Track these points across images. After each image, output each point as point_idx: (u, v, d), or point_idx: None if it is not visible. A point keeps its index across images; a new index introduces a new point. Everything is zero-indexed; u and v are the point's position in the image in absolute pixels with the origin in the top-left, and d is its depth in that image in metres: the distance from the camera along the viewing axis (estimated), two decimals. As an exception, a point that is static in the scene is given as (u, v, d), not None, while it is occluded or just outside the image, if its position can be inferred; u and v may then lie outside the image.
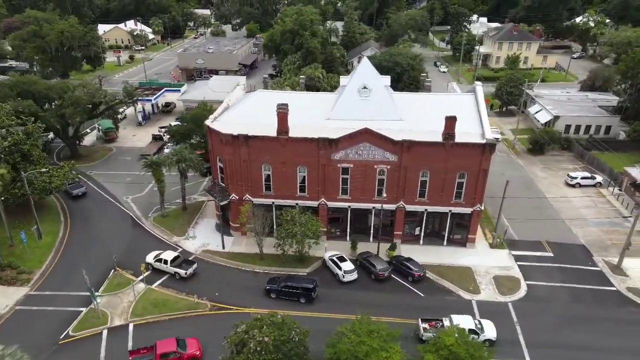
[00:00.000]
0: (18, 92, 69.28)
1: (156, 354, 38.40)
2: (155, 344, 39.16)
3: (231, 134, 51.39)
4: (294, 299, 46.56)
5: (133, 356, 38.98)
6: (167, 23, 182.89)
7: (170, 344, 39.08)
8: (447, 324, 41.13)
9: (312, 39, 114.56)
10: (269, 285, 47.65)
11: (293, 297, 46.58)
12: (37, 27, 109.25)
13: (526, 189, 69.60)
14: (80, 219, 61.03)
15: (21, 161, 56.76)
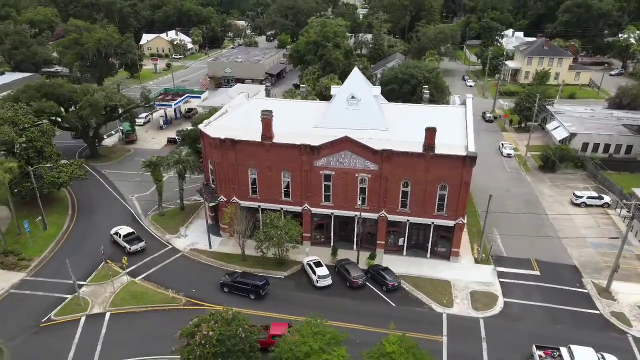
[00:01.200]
0: (44, 94, 74.80)
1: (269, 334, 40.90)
2: (270, 325, 42.29)
3: (219, 138, 53.66)
4: (244, 294, 48.45)
5: None
6: (205, 33, 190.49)
7: (283, 328, 40.99)
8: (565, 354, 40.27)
9: (334, 50, 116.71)
10: (223, 279, 49.73)
11: (243, 293, 48.46)
12: (77, 35, 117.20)
13: (528, 206, 67.91)
14: (85, 214, 64.97)
15: (35, 157, 61.43)
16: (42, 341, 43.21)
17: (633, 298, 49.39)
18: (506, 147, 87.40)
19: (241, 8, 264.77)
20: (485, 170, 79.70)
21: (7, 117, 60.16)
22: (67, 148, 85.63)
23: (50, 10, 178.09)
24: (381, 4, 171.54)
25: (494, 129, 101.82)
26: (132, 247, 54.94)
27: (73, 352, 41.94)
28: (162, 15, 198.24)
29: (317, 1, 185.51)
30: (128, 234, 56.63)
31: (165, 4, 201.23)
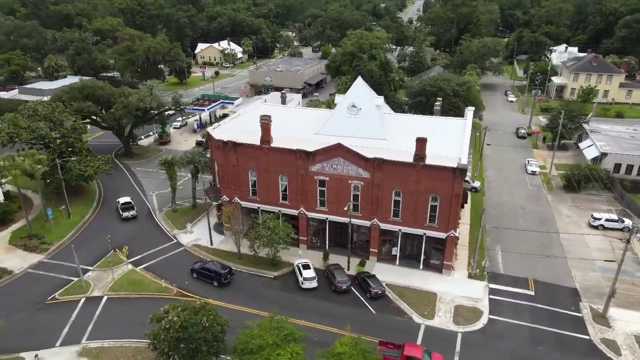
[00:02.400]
0: (86, 95, 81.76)
1: (402, 355, 40.36)
2: (404, 345, 41.23)
3: (222, 140, 56.62)
4: (208, 281, 52.17)
5: (381, 347, 41.29)
6: (256, 43, 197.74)
7: (418, 351, 40.84)
8: None
9: (369, 61, 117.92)
10: (193, 266, 53.59)
11: (207, 279, 52.23)
12: (130, 43, 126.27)
13: (540, 225, 65.57)
14: (107, 206, 70.09)
15: (66, 151, 67.37)
16: (42, 317, 47.48)
17: (631, 327, 46.66)
18: (532, 165, 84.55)
19: (297, 20, 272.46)
20: (504, 187, 78.03)
21: (44, 114, 66.51)
22: (108, 146, 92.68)
23: (116, 20, 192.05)
24: (428, 17, 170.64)
25: (526, 145, 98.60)
26: (124, 214, 65.00)
27: (67, 329, 45.78)
28: (217, 26, 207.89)
29: (364, 14, 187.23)
30: (125, 203, 66.44)
31: (221, 16, 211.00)
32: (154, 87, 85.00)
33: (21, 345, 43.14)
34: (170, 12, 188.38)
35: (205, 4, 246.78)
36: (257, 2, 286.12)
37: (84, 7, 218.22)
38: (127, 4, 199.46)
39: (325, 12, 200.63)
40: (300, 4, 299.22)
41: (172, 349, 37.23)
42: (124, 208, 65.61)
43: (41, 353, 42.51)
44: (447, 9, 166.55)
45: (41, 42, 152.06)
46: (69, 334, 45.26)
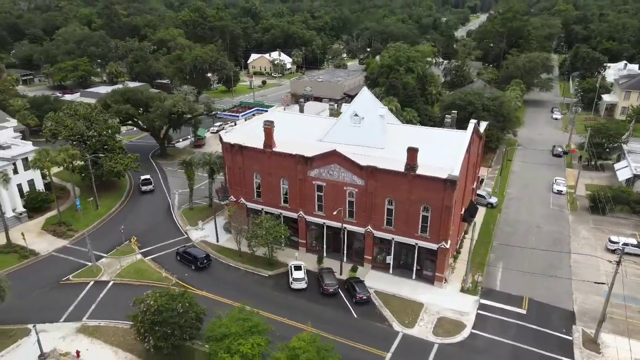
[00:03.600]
0: (127, 98, 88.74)
1: None
2: None
3: (229, 143, 59.96)
4: (188, 264, 57.74)
5: None
6: (306, 55, 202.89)
7: None
8: None
9: (406, 74, 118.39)
10: (177, 250, 59.78)
11: (187, 263, 57.85)
12: (180, 52, 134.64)
13: (552, 245, 63.27)
14: (133, 201, 75.64)
15: (100, 149, 73.68)
16: (54, 295, 52.56)
17: (623, 354, 44.29)
18: (559, 184, 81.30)
19: (351, 33, 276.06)
20: (524, 204, 75.89)
21: (83, 114, 73.23)
22: (148, 146, 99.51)
23: (177, 31, 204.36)
24: (477, 31, 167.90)
25: (560, 163, 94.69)
26: (143, 188, 77.01)
27: (72, 308, 50.41)
28: (270, 37, 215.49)
29: (410, 27, 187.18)
30: (144, 179, 78.64)
31: (274, 28, 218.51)
32: (188, 93, 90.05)
33: (30, 317, 48.01)
34: (226, 23, 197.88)
35: (263, 17, 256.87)
36: (315, 14, 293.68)
37: (152, 19, 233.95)
38: (190, 16, 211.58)
39: (372, 25, 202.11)
40: (357, 17, 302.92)
41: (148, 330, 40.34)
42: (143, 183, 78.11)
43: (45, 326, 47.14)
44: (497, 23, 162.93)
45: (106, 50, 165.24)
46: (73, 312, 49.80)
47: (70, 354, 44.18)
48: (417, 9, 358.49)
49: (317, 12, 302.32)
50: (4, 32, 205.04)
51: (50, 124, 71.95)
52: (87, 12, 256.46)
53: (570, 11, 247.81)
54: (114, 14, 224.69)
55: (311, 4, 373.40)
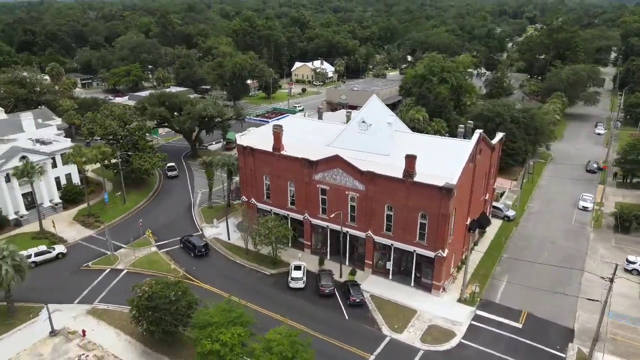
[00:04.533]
0: (162, 102, 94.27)
1: None
2: None
3: (242, 145, 62.81)
4: (188, 251, 62.39)
5: None
6: (348, 64, 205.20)
7: None
8: None
9: (439, 84, 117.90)
10: (181, 238, 64.63)
11: (188, 250, 62.53)
12: (221, 59, 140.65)
13: (564, 261, 61.26)
14: (160, 197, 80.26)
15: (132, 147, 78.88)
16: (74, 278, 57.07)
17: (616, 376, 42.68)
18: (585, 200, 78.26)
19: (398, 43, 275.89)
20: (544, 219, 73.95)
21: (117, 115, 78.79)
22: (183, 148, 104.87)
23: (226, 40, 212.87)
24: (522, 42, 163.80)
25: (592, 179, 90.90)
26: (169, 173, 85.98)
27: (86, 291, 54.58)
28: (315, 46, 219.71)
29: (452, 37, 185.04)
30: (170, 166, 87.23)
31: (319, 37, 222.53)
32: (217, 98, 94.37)
33: (48, 297, 52.36)
34: (271, 33, 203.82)
35: (311, 26, 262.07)
36: (363, 24, 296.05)
37: (204, 28, 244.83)
38: (240, 25, 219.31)
39: (414, 35, 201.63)
40: (405, 28, 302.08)
41: (142, 314, 43.36)
42: (168, 169, 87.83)
43: (61, 307, 51.47)
44: (542, 34, 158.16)
45: (156, 57, 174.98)
46: (87, 295, 53.94)
47: (77, 332, 47.97)
48: (470, 19, 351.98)
49: (366, 22, 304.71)
50: (69, 39, 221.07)
51: (87, 123, 77.89)
52: (146, 21, 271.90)
53: (630, 23, 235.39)
54: (169, 22, 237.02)
55: (362, 15, 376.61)
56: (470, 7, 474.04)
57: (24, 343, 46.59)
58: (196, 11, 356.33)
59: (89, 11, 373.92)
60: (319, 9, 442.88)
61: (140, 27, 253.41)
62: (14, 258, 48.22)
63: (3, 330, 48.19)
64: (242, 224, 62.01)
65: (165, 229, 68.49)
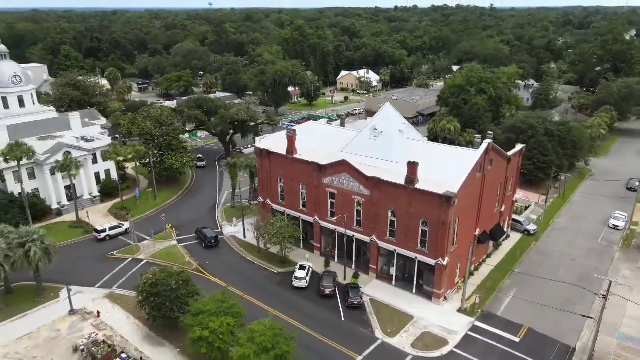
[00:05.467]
0: (199, 105, 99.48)
1: None
2: None
3: (259, 148, 65.61)
4: (200, 242, 66.81)
5: None
6: (394, 73, 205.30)
7: None
8: None
9: (477, 95, 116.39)
10: (196, 229, 69.14)
11: (199, 240, 67.18)
12: (264, 67, 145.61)
13: (580, 280, 59.01)
14: (189, 195, 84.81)
15: (166, 147, 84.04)
16: (98, 265, 61.86)
17: (611, 398, 41.05)
18: (617, 218, 74.63)
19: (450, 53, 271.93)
20: (568, 236, 71.61)
21: (153, 116, 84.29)
22: (218, 150, 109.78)
23: (276, 48, 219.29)
24: (574, 53, 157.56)
25: (631, 198, 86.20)
26: (197, 164, 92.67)
27: (107, 277, 59.07)
28: (361, 55, 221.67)
29: (500, 48, 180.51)
30: (198, 158, 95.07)
31: (366, 47, 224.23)
32: (250, 103, 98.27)
33: (73, 280, 57.25)
34: (319, 42, 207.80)
35: (362, 35, 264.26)
36: (415, 34, 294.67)
37: (256, 37, 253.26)
38: (291, 35, 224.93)
39: (461, 46, 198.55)
40: (458, 38, 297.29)
41: (145, 300, 46.71)
42: (198, 159, 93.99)
43: (83, 289, 56.19)
44: (595, 46, 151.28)
45: (206, 64, 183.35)
46: (107, 281, 58.39)
47: (93, 313, 52.17)
48: (530, 29, 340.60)
49: (418, 32, 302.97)
50: (130, 46, 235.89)
51: (126, 124, 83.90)
52: (203, 29, 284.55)
53: None
54: (224, 31, 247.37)
55: (417, 25, 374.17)
56: (533, 17, 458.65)
57: (45, 319, 51.28)
58: (253, 21, 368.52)
59: (154, 21, 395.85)
60: (374, 19, 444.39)
61: (197, 35, 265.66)
62: (43, 242, 53.25)
63: (29, 307, 53.28)
64: (256, 223, 64.53)
65: (188, 225, 72.44)
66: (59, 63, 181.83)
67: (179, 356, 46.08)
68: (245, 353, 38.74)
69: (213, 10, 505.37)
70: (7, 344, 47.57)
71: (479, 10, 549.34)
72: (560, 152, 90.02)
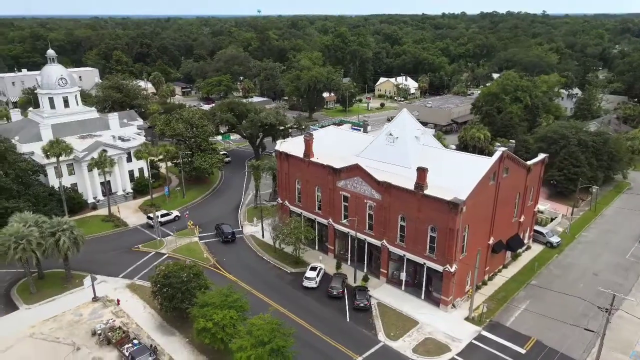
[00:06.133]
0: (230, 109, 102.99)
1: None
2: None
3: (279, 151, 67.56)
4: (218, 236, 70.31)
5: None
6: (432, 80, 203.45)
7: None
8: None
9: (512, 103, 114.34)
10: (216, 224, 72.20)
11: (218, 235, 70.46)
12: (299, 72, 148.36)
13: (599, 295, 56.76)
14: (216, 194, 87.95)
15: (196, 148, 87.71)
16: (123, 256, 65.59)
17: (614, 417, 39.72)
18: (651, 233, 71.42)
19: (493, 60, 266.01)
20: (593, 250, 69.29)
21: (186, 118, 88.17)
22: (249, 153, 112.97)
23: (316, 55, 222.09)
24: (622, 62, 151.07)
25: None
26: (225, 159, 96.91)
27: (130, 268, 62.53)
28: (401, 62, 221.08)
29: (541, 56, 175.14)
30: (224, 153, 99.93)
31: (405, 53, 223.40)
32: (280, 107, 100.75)
33: (99, 270, 61.08)
34: (358, 48, 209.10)
35: (404, 42, 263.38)
36: (459, 41, 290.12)
37: (297, 43, 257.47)
38: (333, 41, 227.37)
39: (500, 54, 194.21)
40: (504, 45, 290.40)
41: (158, 290, 49.40)
42: (224, 156, 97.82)
43: (107, 278, 59.87)
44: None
45: (245, 69, 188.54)
46: (130, 272, 61.83)
47: (114, 301, 55.50)
48: (583, 37, 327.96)
49: (461, 39, 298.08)
50: (177, 51, 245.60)
51: (160, 125, 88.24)
52: (248, 36, 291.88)
53: None
54: (266, 38, 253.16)
55: (463, 31, 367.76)
56: (587, 24, 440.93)
57: (70, 304, 55.05)
58: (298, 28, 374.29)
59: (203, 27, 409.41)
60: (419, 26, 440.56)
61: (242, 41, 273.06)
62: (72, 232, 57.19)
63: (57, 292, 57.31)
64: (274, 223, 66.38)
65: (211, 223, 75.30)
66: (110, 67, 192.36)
67: (187, 346, 48.31)
68: (242, 345, 40.37)
69: (261, 18, 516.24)
70: (34, 325, 51.47)
71: (530, 17, 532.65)
72: (595, 163, 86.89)
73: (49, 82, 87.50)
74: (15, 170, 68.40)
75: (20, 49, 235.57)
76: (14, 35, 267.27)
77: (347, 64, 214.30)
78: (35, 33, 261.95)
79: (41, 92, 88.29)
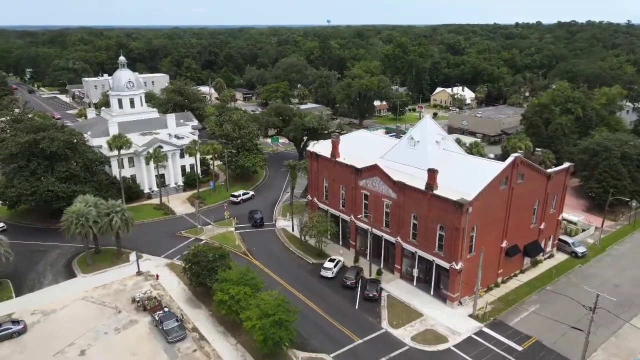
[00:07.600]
0: (278, 113, 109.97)
1: None
2: None
3: (310, 151, 72.86)
4: (248, 221, 78.62)
5: None
6: (491, 91, 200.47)
7: None
8: None
9: (561, 115, 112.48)
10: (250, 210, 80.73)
11: (249, 220, 78.71)
12: (351, 80, 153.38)
13: (616, 306, 56.57)
14: (257, 191, 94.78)
15: (241, 148, 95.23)
16: (168, 239, 73.70)
17: (596, 415, 40.72)
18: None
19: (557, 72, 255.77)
20: (620, 263, 68.67)
21: (233, 120, 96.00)
22: (295, 156, 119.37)
23: (374, 64, 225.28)
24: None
25: None
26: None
27: (172, 250, 70.33)
28: (459, 73, 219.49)
29: (606, 67, 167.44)
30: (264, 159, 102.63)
31: (464, 64, 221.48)
32: (323, 112, 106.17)
33: (146, 249, 69.38)
34: (414, 58, 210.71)
35: (466, 52, 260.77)
36: (525, 52, 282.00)
37: (358, 52, 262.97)
38: (393, 51, 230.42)
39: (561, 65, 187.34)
40: (575, 55, 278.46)
41: (187, 268, 56.20)
42: None
43: (151, 257, 67.99)
44: None
45: (302, 77, 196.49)
46: (171, 253, 69.58)
47: (153, 276, 63.15)
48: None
49: (528, 49, 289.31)
50: (242, 59, 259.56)
51: (211, 126, 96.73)
52: (311, 45, 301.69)
53: None
54: (327, 47, 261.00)
55: (535, 42, 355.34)
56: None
57: (118, 276, 63.36)
58: (363, 37, 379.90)
59: (272, 37, 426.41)
60: (489, 36, 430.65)
61: (305, 51, 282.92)
62: (124, 214, 65.70)
63: (108, 265, 65.96)
64: (302, 218, 71.63)
65: (244, 214, 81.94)
66: (180, 73, 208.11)
67: (209, 317, 54.50)
68: (250, 315, 45.80)
69: (330, 27, 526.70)
70: (87, 290, 60.06)
71: (613, 27, 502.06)
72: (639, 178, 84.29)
73: (118, 85, 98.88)
74: (84, 160, 78.67)
75: (105, 56, 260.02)
76: (101, 43, 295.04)
77: (405, 73, 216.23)
78: (120, 42, 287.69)
79: (112, 93, 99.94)
